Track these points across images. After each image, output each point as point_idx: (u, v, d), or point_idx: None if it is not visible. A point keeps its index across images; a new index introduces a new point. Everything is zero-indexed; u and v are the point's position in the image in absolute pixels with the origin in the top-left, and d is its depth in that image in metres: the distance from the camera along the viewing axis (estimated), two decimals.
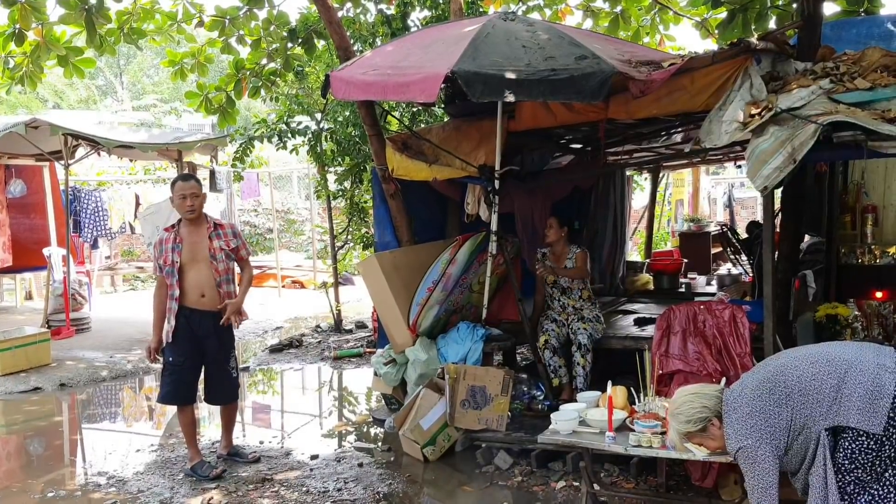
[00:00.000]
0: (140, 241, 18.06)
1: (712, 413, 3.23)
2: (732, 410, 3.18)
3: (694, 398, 3.28)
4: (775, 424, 3.05)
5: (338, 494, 5.10)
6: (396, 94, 5.39)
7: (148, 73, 33.26)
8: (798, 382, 3.06)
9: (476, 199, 6.72)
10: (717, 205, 17.76)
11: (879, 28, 6.76)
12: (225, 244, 5.49)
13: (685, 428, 3.27)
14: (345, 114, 10.06)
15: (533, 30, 5.65)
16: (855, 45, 6.25)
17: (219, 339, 5.51)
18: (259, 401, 8.22)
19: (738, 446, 3.10)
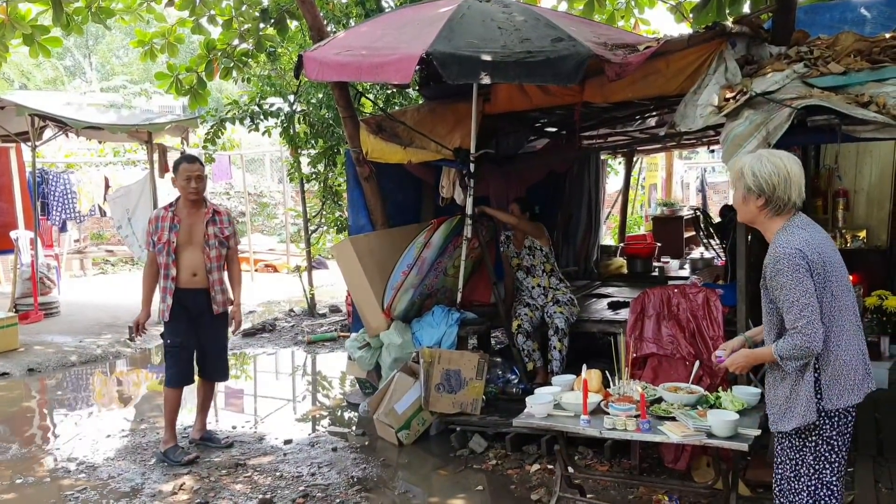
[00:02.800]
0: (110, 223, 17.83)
1: (767, 194, 3.05)
2: (801, 225, 3.06)
3: (784, 179, 3.05)
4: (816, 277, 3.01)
5: (311, 479, 5.07)
6: (371, 75, 5.33)
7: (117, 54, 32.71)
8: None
9: (451, 183, 6.67)
10: (690, 189, 17.86)
11: (852, 13, 6.80)
12: (220, 231, 5.48)
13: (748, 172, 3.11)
14: (318, 96, 9.96)
15: (508, 11, 5.61)
16: (828, 30, 6.29)
17: (212, 316, 5.54)
18: (232, 385, 8.13)
19: (797, 248, 2.95)
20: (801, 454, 3.11)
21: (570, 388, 4.18)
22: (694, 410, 3.77)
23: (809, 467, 3.09)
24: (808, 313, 2.90)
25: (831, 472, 3.09)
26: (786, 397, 3.08)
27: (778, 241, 3.04)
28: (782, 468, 3.21)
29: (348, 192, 7.34)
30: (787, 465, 3.17)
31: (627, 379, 4.17)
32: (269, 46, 9.28)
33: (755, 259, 5.52)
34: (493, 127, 6.70)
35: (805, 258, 2.94)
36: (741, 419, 3.61)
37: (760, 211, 3.12)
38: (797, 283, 2.92)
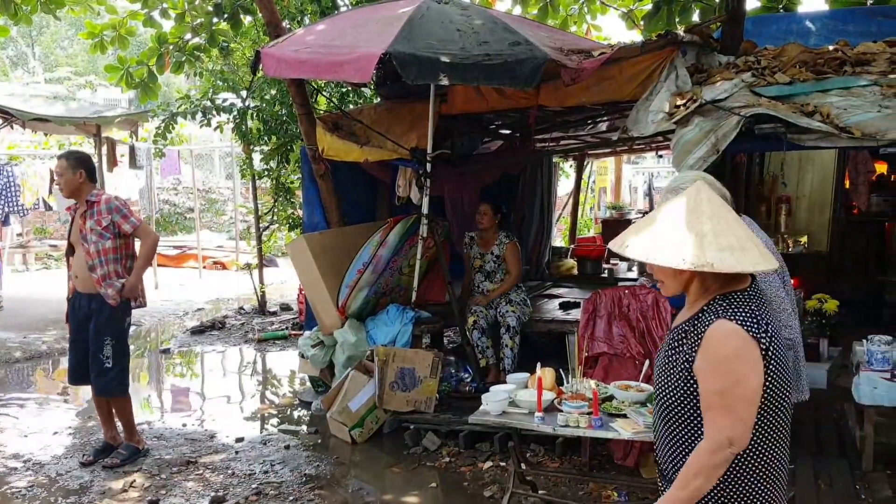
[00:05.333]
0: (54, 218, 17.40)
1: None
2: (750, 225, 3.16)
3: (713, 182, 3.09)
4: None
5: (264, 477, 5.06)
6: (330, 72, 5.34)
7: (62, 45, 31.94)
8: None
9: (407, 182, 6.72)
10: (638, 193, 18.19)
11: (798, 24, 7.03)
12: (96, 223, 5.10)
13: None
14: (272, 92, 9.89)
15: (467, 14, 5.67)
16: (775, 41, 6.50)
17: (95, 324, 5.15)
18: (181, 383, 8.06)
19: None
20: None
21: (525, 385, 4.25)
22: (644, 408, 3.87)
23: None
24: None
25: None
26: None
27: None
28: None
29: (303, 189, 7.33)
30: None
31: (580, 377, 4.26)
32: (222, 41, 9.21)
33: None
34: (449, 128, 6.75)
35: None
36: None
37: None
38: None
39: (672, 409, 2.17)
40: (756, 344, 2.05)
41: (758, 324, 2.07)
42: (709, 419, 2.07)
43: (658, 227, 2.13)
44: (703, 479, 2.07)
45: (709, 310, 2.12)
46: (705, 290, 2.16)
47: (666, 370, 2.21)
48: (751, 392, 2.04)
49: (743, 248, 2.04)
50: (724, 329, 2.06)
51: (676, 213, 2.11)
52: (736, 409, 2.03)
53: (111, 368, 5.17)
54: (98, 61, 23.18)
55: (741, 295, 2.12)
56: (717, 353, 2.06)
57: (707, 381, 2.07)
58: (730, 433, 2.03)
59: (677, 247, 2.05)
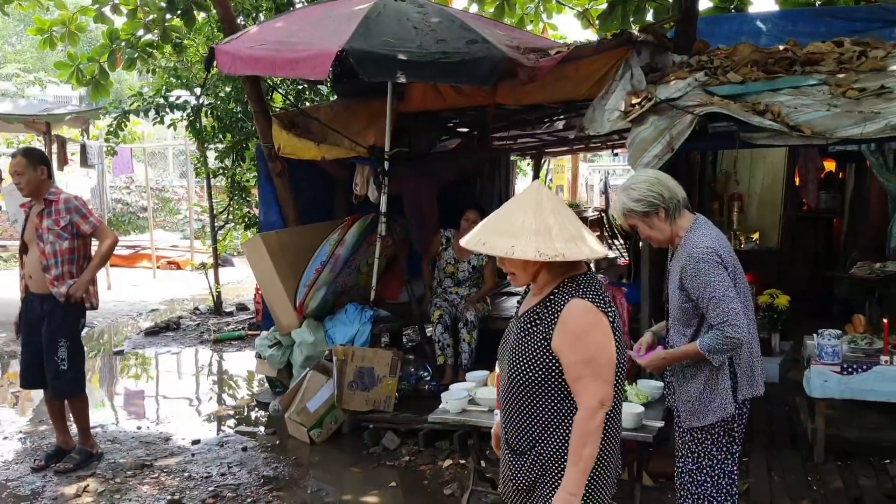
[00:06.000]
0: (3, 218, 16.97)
1: (664, 204, 3.17)
2: (706, 225, 3.21)
3: (656, 183, 3.20)
4: (730, 272, 3.15)
5: (221, 479, 5.00)
6: (286, 70, 5.29)
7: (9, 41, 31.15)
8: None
9: (365, 180, 6.68)
10: (594, 191, 18.37)
11: (749, 25, 7.16)
12: (54, 223, 4.98)
13: (631, 205, 3.20)
14: (226, 89, 9.76)
15: (423, 11, 5.66)
16: (727, 41, 6.61)
17: (48, 326, 5.02)
18: (135, 385, 7.91)
19: (711, 249, 3.09)
20: (704, 446, 3.27)
21: (484, 384, 4.27)
22: None
23: (712, 458, 3.25)
24: (734, 305, 3.05)
25: (731, 461, 3.26)
26: (699, 393, 3.21)
27: (691, 241, 3.17)
28: (683, 461, 3.36)
29: (259, 187, 7.25)
30: (689, 458, 3.32)
31: None
32: (175, 38, 9.04)
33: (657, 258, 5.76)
34: (407, 126, 6.74)
35: (720, 255, 3.10)
36: (646, 412, 3.77)
37: (669, 223, 3.22)
38: (719, 279, 3.07)
39: (526, 385, 2.39)
40: (605, 316, 2.35)
41: (603, 300, 2.38)
42: (580, 388, 2.33)
43: (510, 225, 2.32)
44: (592, 444, 2.31)
45: (559, 293, 2.37)
46: (553, 278, 2.40)
47: (518, 351, 2.42)
48: (610, 357, 2.34)
49: (583, 238, 2.33)
50: (581, 306, 2.33)
51: (524, 211, 2.33)
52: (602, 374, 2.32)
53: (67, 370, 5.05)
54: (47, 58, 22.65)
55: (584, 278, 2.41)
56: (578, 326, 2.32)
57: (572, 353, 2.32)
58: (601, 396, 2.31)
59: (533, 241, 2.26)
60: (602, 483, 2.42)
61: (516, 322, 2.52)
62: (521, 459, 2.45)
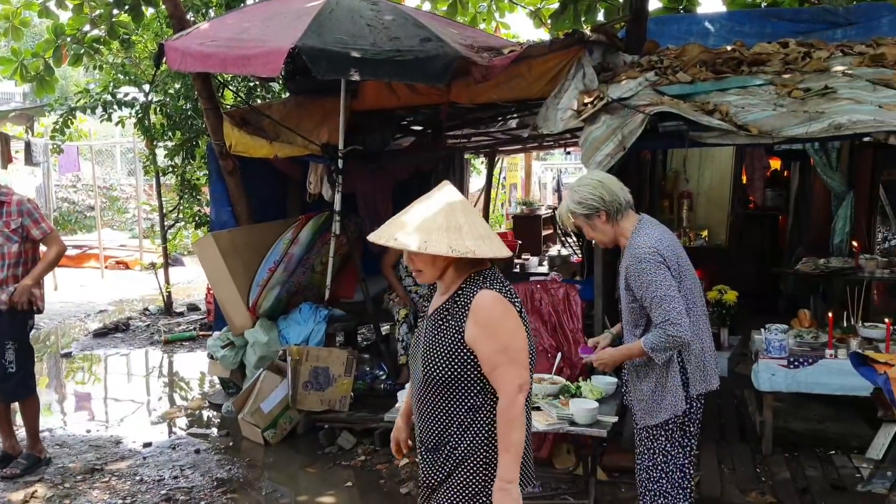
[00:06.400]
0: None
1: (604, 207, 3.26)
2: (650, 226, 3.28)
3: (598, 186, 3.29)
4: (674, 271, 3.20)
5: (174, 482, 4.92)
6: (237, 67, 5.22)
7: None
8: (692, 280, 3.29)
9: (318, 178, 6.63)
10: (547, 189, 18.50)
11: (698, 26, 7.28)
12: (4, 225, 4.85)
13: (573, 207, 3.31)
14: (176, 86, 9.59)
15: (377, 9, 5.64)
16: (676, 41, 6.72)
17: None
18: (84, 388, 7.74)
19: (654, 249, 3.16)
20: (659, 442, 3.33)
21: None
22: (557, 400, 3.95)
23: (667, 454, 3.31)
24: (675, 305, 3.10)
25: (684, 455, 3.32)
26: (651, 391, 3.27)
27: (635, 242, 3.24)
28: (641, 458, 3.42)
29: (210, 186, 7.15)
30: (646, 455, 3.38)
31: None
32: (122, 33, 8.86)
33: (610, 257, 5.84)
34: (361, 123, 6.70)
35: (662, 255, 3.16)
36: (600, 407, 3.81)
37: (611, 225, 3.31)
38: (661, 279, 3.13)
39: (442, 382, 2.42)
40: (513, 307, 2.41)
41: (510, 292, 2.45)
42: (498, 375, 2.36)
43: (422, 221, 2.39)
44: (518, 428, 2.35)
45: (467, 287, 2.43)
46: (459, 275, 2.46)
47: (432, 350, 2.45)
48: (523, 343, 2.40)
49: (491, 237, 2.41)
50: (490, 296, 2.39)
51: (435, 210, 2.41)
52: (518, 359, 2.37)
53: (15, 373, 4.93)
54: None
55: (490, 272, 2.47)
56: (489, 316, 2.37)
57: (487, 344, 2.36)
58: (520, 380, 2.35)
59: (445, 238, 2.33)
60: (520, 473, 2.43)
61: (427, 321, 2.55)
62: (434, 456, 2.47)
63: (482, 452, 2.40)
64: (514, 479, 2.33)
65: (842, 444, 5.24)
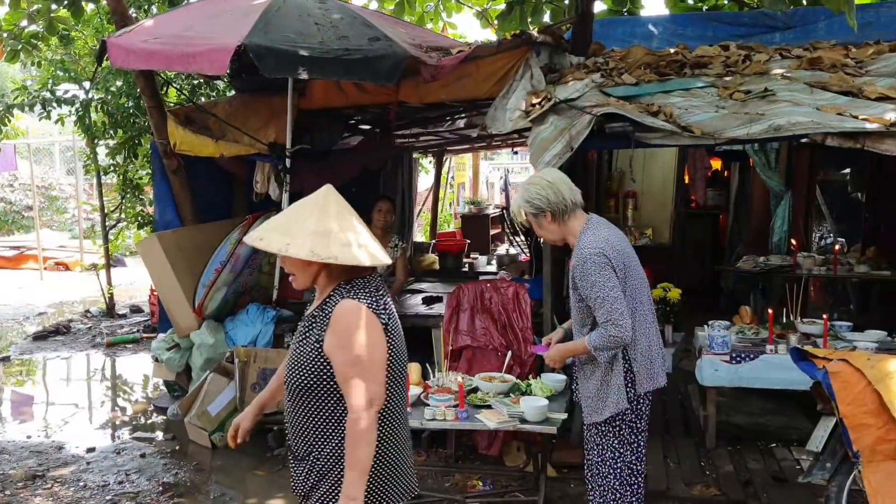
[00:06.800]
0: None
1: (549, 208, 3.33)
2: (598, 226, 3.34)
3: (546, 186, 3.35)
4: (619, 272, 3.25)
5: (119, 487, 4.83)
6: (183, 64, 5.13)
7: None
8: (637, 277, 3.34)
9: (265, 178, 6.56)
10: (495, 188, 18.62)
11: (641, 28, 7.40)
12: None
13: (522, 204, 3.40)
14: (117, 83, 9.38)
15: (325, 7, 5.60)
16: (621, 43, 6.83)
17: None
18: (23, 393, 7.52)
19: (599, 249, 3.20)
20: (607, 439, 3.38)
21: None
22: (508, 398, 3.98)
23: (614, 450, 3.36)
24: (618, 306, 3.16)
25: (631, 452, 3.38)
26: (597, 389, 3.33)
27: (581, 242, 3.30)
28: (589, 454, 3.47)
29: (154, 185, 7.02)
30: (595, 451, 3.43)
31: (445, 371, 4.32)
32: (61, 29, 8.64)
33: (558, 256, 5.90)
34: (308, 122, 6.65)
35: (607, 256, 3.21)
36: (550, 404, 3.86)
37: (557, 224, 3.39)
38: (605, 279, 3.18)
39: (302, 390, 2.39)
40: (377, 318, 2.37)
41: (377, 303, 2.40)
42: (348, 389, 2.31)
43: (292, 224, 2.37)
44: (365, 445, 2.29)
45: (334, 295, 2.39)
46: (331, 282, 2.43)
47: (297, 357, 2.43)
48: (380, 357, 2.35)
49: (363, 245, 2.38)
50: (350, 306, 2.35)
51: (308, 213, 2.38)
52: (370, 374, 2.32)
53: None
54: None
55: (362, 281, 2.42)
56: (347, 326, 2.32)
57: (340, 354, 2.32)
58: (369, 395, 2.30)
59: (308, 242, 2.31)
60: (384, 490, 2.42)
61: (299, 326, 2.53)
62: (300, 466, 2.45)
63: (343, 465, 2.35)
64: (357, 497, 2.28)
65: (782, 436, 5.39)
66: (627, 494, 3.39)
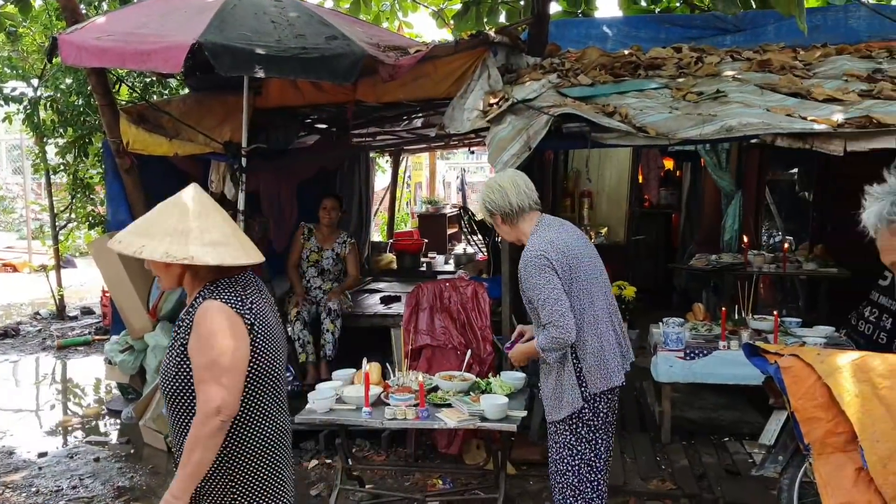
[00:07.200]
0: None
1: (497, 211, 3.41)
2: (546, 228, 3.38)
3: (496, 189, 3.42)
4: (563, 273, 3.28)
5: (73, 492, 4.74)
6: (137, 62, 5.05)
7: None
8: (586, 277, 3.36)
9: (221, 177, 6.48)
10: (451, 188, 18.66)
11: (596, 29, 7.50)
12: None
13: (480, 206, 3.54)
14: (67, 81, 9.20)
15: (281, 6, 5.56)
16: (576, 44, 6.91)
17: None
18: None
19: (540, 252, 3.24)
20: (564, 437, 3.42)
21: (351, 381, 4.26)
22: (468, 396, 4.00)
23: (572, 448, 3.40)
24: (558, 307, 3.19)
25: (591, 450, 3.40)
26: (553, 389, 3.37)
27: (527, 245, 3.37)
28: (552, 451, 3.50)
29: (106, 185, 6.89)
30: (555, 449, 3.46)
31: (405, 370, 4.33)
32: (9, 25, 8.45)
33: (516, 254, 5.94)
34: (264, 121, 6.59)
35: (548, 259, 3.25)
36: (510, 402, 3.88)
37: (509, 226, 3.46)
38: (545, 282, 3.22)
39: (173, 394, 2.34)
40: (241, 319, 2.30)
41: (242, 303, 2.32)
42: (200, 392, 2.25)
43: (151, 226, 2.33)
44: (202, 449, 2.22)
45: (199, 296, 2.33)
46: (198, 282, 2.37)
47: (167, 363, 2.38)
48: (237, 362, 2.27)
49: (226, 243, 2.31)
50: (211, 307, 2.28)
51: (170, 213, 2.34)
52: (222, 379, 2.23)
53: None
54: None
55: (228, 281, 2.36)
56: (206, 329, 2.26)
57: (197, 356, 2.26)
58: (218, 402, 2.21)
59: (165, 243, 2.26)
60: (255, 496, 2.37)
61: (173, 329, 2.49)
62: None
63: (222, 473, 2.32)
64: (181, 497, 2.23)
65: (734, 431, 5.51)
66: (588, 491, 3.41)
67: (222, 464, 2.31)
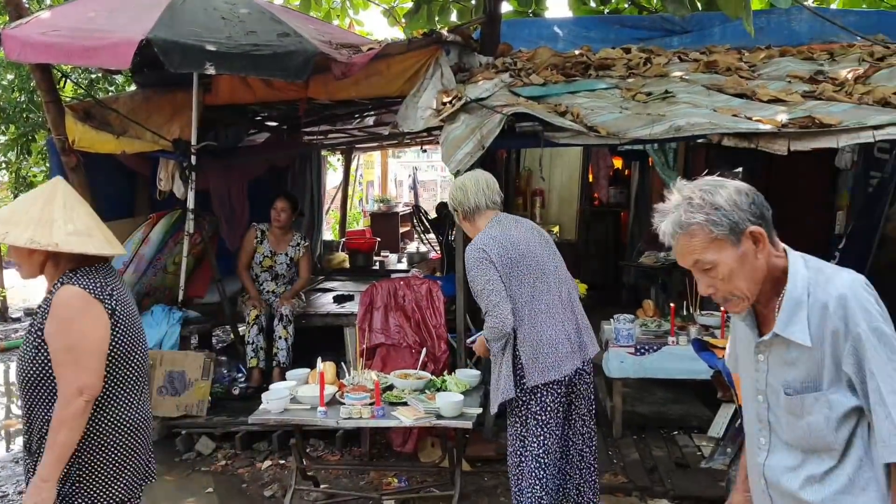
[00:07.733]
0: None
1: (458, 207, 3.60)
2: (495, 225, 3.52)
3: (458, 188, 3.62)
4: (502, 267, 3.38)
5: (19, 498, 4.61)
6: (83, 58, 4.94)
7: None
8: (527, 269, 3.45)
9: (170, 175, 6.36)
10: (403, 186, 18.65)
11: (547, 29, 7.56)
12: None
13: (449, 204, 3.70)
14: (8, 77, 8.96)
15: (232, 2, 5.50)
16: (528, 44, 6.95)
17: None
18: None
19: (480, 247, 3.41)
20: (515, 429, 3.46)
21: (305, 381, 4.24)
22: (423, 394, 4.01)
23: (522, 440, 3.44)
24: (493, 298, 3.33)
25: (538, 444, 3.43)
26: (495, 378, 3.44)
27: (473, 240, 3.52)
28: (508, 444, 3.54)
29: None
30: (510, 441, 3.51)
31: (361, 369, 4.32)
32: None
33: None
34: (214, 118, 6.51)
35: (486, 252, 3.40)
36: (465, 399, 3.91)
37: (469, 223, 3.61)
38: (482, 274, 3.37)
39: (28, 383, 2.37)
40: (100, 304, 2.37)
41: (102, 289, 2.39)
42: (60, 375, 2.31)
43: (15, 214, 2.38)
44: (66, 431, 2.28)
45: (58, 282, 2.39)
46: (59, 271, 2.43)
47: (23, 350, 2.41)
48: (96, 344, 2.35)
49: (90, 234, 2.40)
50: (68, 292, 2.35)
51: (35, 202, 2.40)
52: (82, 361, 2.31)
53: None
54: None
55: (89, 269, 2.42)
56: (63, 313, 2.33)
57: (56, 340, 2.32)
58: (80, 383, 2.29)
59: (30, 230, 2.32)
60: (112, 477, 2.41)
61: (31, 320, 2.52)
62: (34, 461, 2.38)
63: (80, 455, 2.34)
64: (49, 479, 2.26)
65: (683, 424, 5.62)
66: (537, 489, 3.43)
67: (81, 445, 2.34)
